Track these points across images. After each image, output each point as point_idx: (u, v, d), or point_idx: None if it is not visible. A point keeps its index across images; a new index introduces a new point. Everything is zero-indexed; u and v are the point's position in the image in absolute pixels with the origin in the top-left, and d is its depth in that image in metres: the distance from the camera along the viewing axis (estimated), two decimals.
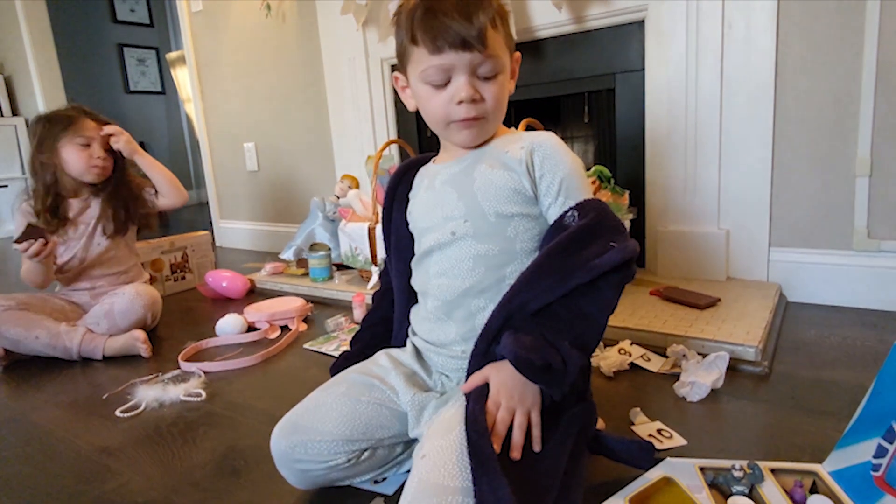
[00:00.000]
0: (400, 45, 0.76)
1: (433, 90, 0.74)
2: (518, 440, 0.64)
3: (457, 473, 0.58)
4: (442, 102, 0.74)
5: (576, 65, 1.63)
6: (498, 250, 0.74)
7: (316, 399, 0.76)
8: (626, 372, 1.09)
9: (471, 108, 0.73)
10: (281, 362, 1.29)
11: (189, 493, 0.81)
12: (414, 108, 0.82)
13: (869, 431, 0.66)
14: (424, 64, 0.72)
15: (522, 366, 0.64)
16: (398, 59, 0.79)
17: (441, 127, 0.77)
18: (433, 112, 0.76)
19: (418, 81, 0.75)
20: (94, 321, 1.40)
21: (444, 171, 0.81)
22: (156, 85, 5.16)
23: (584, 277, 0.66)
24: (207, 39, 2.67)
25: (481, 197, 0.74)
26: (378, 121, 2.10)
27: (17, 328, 1.33)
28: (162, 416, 1.05)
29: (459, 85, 0.72)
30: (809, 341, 1.19)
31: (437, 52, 0.71)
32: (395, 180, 0.89)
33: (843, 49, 1.29)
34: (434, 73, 0.72)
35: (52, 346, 1.34)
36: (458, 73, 0.72)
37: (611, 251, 0.66)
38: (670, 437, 0.85)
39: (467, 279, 0.75)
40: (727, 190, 1.47)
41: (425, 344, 0.81)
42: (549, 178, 0.73)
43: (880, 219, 1.31)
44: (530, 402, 0.66)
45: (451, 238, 0.76)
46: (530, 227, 0.75)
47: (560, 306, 0.67)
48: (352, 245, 1.71)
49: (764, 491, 0.67)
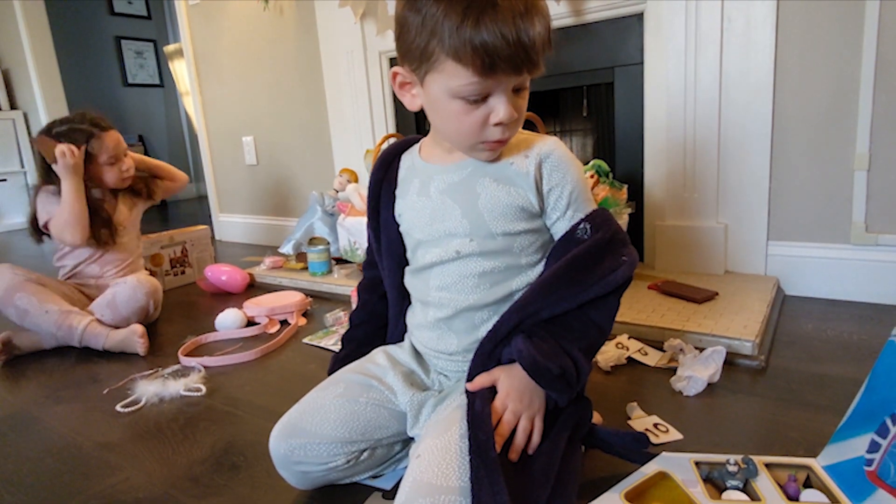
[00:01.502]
0: (422, 47, 0.63)
1: (466, 106, 0.65)
2: (520, 444, 0.64)
3: (451, 473, 0.58)
4: (476, 123, 0.65)
5: (574, 58, 1.63)
6: (504, 266, 0.73)
7: (314, 400, 0.75)
8: (624, 366, 1.10)
9: (506, 129, 0.67)
10: (280, 357, 1.30)
11: (189, 488, 0.81)
12: (416, 109, 0.72)
13: (862, 426, 0.67)
14: (465, 80, 0.62)
15: (539, 373, 0.64)
16: (410, 56, 0.66)
17: (466, 145, 0.70)
18: (463, 131, 0.67)
19: (446, 94, 0.65)
20: (98, 312, 1.43)
21: (440, 177, 0.75)
22: (154, 78, 5.14)
23: (600, 291, 0.67)
24: (205, 32, 2.66)
25: (488, 217, 0.71)
26: (377, 114, 2.09)
27: (31, 298, 1.35)
28: (162, 412, 1.06)
29: (500, 106, 0.64)
30: (806, 335, 1.19)
31: (487, 74, 0.61)
32: (380, 174, 0.82)
33: (843, 43, 1.28)
34: (475, 90, 0.63)
35: (57, 325, 1.35)
36: (500, 91, 0.64)
37: (624, 265, 0.69)
38: (666, 431, 0.86)
39: (471, 295, 0.73)
40: (726, 184, 1.47)
41: (424, 348, 0.80)
42: (557, 191, 0.71)
43: (878, 213, 1.31)
44: (536, 407, 0.67)
45: (456, 256, 0.73)
46: (534, 240, 0.74)
47: (572, 316, 0.68)
48: (351, 239, 1.72)
49: (758, 485, 0.67)
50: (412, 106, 0.72)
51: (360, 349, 0.86)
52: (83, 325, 1.36)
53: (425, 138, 0.81)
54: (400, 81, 0.72)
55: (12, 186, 3.84)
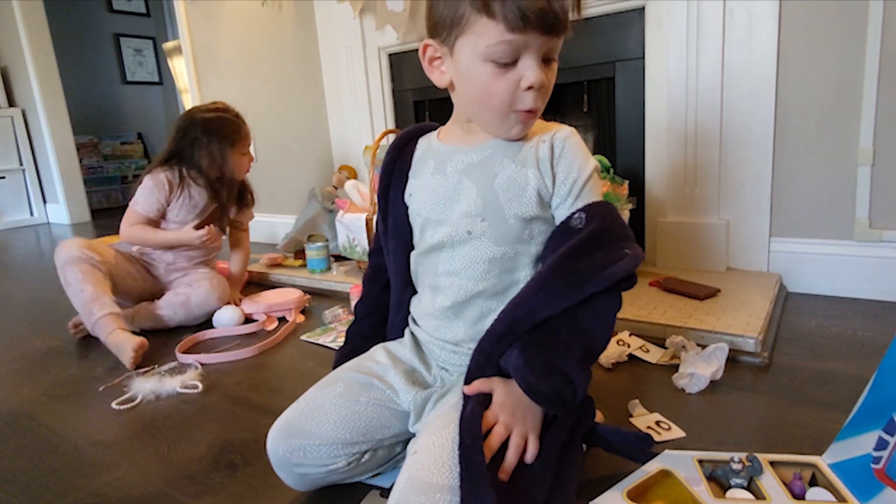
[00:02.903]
0: (453, 11, 0.65)
1: (497, 70, 0.64)
2: (511, 463, 0.62)
3: (446, 471, 0.57)
4: (508, 87, 0.65)
5: (575, 52, 1.61)
6: (514, 253, 0.71)
7: (313, 400, 0.73)
8: (625, 363, 1.09)
9: (538, 96, 0.66)
10: (278, 354, 1.29)
11: (185, 486, 0.80)
12: (445, 85, 0.71)
13: (869, 423, 0.65)
14: (495, 38, 0.62)
15: (533, 393, 0.63)
16: (440, 26, 0.67)
17: (498, 116, 0.68)
18: (494, 96, 0.66)
19: (477, 57, 0.64)
20: (170, 311, 1.48)
21: (459, 156, 0.73)
22: (153, 75, 5.13)
23: (600, 284, 0.64)
24: (204, 29, 2.65)
25: (503, 197, 0.69)
26: (376, 111, 2.08)
27: (78, 275, 1.38)
28: (158, 409, 1.05)
29: (531, 68, 0.64)
30: (810, 332, 1.18)
31: (518, 30, 0.61)
32: (394, 154, 0.81)
33: (846, 37, 1.27)
34: (505, 50, 0.63)
35: (83, 306, 1.37)
36: (531, 55, 0.64)
37: (626, 258, 0.65)
38: (669, 428, 0.85)
39: (481, 282, 0.72)
40: (727, 180, 1.46)
41: (429, 338, 0.78)
42: (562, 176, 0.70)
43: (882, 209, 1.30)
44: (531, 425, 0.65)
45: (467, 237, 0.71)
46: (546, 229, 0.72)
47: (565, 326, 0.65)
48: (349, 236, 1.70)
49: (763, 483, 0.66)
50: (441, 82, 0.71)
51: (367, 343, 0.84)
52: (99, 314, 1.36)
53: (443, 126, 0.81)
54: (429, 56, 0.71)
55: (11, 184, 3.83)
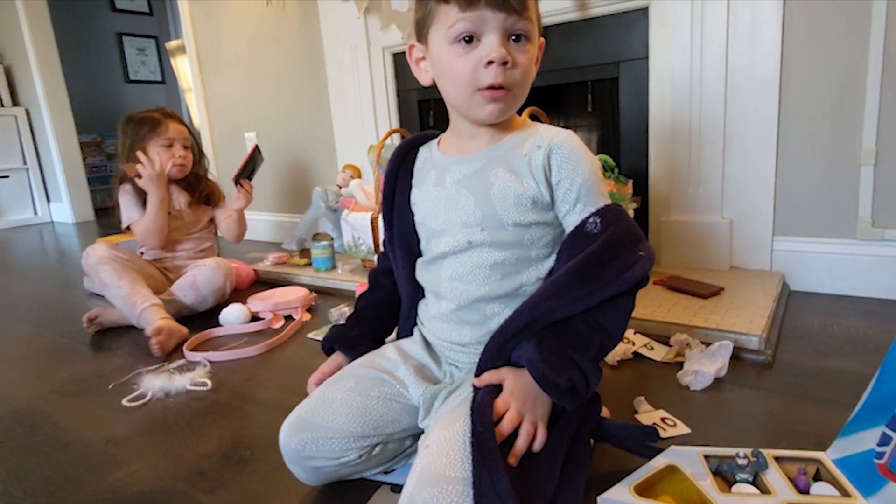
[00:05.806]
0: (423, 8, 0.70)
1: (459, 50, 0.67)
2: (521, 448, 0.63)
3: (458, 464, 0.58)
4: (469, 65, 0.67)
5: (579, 53, 1.62)
6: (515, 258, 0.73)
7: (324, 394, 0.75)
8: (630, 361, 1.10)
9: (500, 72, 0.67)
10: (285, 352, 1.30)
11: (196, 482, 0.81)
12: (428, 83, 0.75)
13: (873, 420, 0.66)
14: (452, 20, 0.67)
15: (548, 385, 0.64)
16: (418, 28, 0.73)
17: (465, 96, 0.70)
18: (458, 76, 0.69)
19: (443, 42, 0.69)
20: (181, 293, 1.55)
21: (455, 168, 0.76)
22: (156, 74, 5.14)
23: (617, 288, 0.66)
24: (207, 28, 2.65)
25: (499, 206, 0.71)
26: (380, 110, 2.09)
27: (113, 274, 1.45)
28: (168, 406, 1.06)
29: (491, 44, 0.66)
30: (813, 330, 1.19)
31: (469, 7, 0.65)
32: (396, 162, 0.84)
33: (849, 37, 1.27)
34: (462, 28, 0.66)
35: (124, 301, 1.42)
36: (490, 32, 0.66)
37: (641, 261, 0.67)
38: (674, 425, 0.86)
39: (483, 286, 0.73)
40: (731, 179, 1.46)
41: (437, 340, 0.80)
42: (566, 183, 0.71)
43: (885, 208, 1.31)
44: (540, 412, 0.66)
45: (468, 246, 0.73)
46: (545, 233, 0.73)
47: (584, 323, 0.67)
48: (354, 235, 1.71)
49: (768, 478, 0.67)
50: (425, 80, 0.76)
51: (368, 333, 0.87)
52: (144, 306, 1.40)
53: (444, 133, 0.83)
54: (415, 57, 0.77)
55: (15, 183, 3.84)
